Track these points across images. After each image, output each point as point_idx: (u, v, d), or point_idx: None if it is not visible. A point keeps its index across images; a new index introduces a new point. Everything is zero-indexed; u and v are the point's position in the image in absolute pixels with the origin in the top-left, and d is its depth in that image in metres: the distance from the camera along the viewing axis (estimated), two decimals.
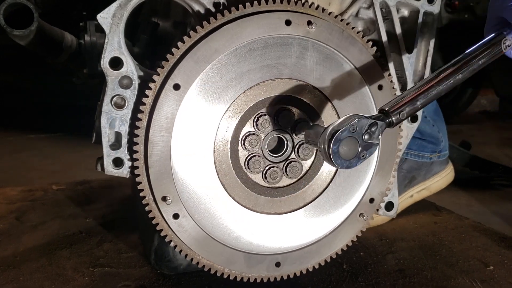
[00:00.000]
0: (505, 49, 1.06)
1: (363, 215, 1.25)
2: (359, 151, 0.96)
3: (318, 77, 1.14)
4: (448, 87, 1.02)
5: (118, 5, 1.06)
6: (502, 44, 1.06)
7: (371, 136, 0.96)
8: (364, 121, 0.95)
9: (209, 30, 1.06)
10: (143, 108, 1.05)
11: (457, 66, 1.03)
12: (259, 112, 1.13)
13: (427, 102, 1.01)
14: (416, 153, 1.85)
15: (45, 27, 1.30)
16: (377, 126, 0.96)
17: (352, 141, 0.94)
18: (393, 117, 0.97)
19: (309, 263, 1.24)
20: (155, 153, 1.06)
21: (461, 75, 1.03)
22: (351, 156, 0.95)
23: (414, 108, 0.99)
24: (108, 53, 1.07)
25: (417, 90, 1.01)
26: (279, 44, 1.09)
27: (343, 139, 0.93)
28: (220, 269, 1.16)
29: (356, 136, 0.94)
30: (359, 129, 0.94)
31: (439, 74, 1.03)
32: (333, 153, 0.93)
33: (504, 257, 1.56)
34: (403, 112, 0.98)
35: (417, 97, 1.00)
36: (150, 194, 1.09)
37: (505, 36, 1.06)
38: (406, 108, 0.98)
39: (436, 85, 1.01)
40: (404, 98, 1.00)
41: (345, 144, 0.94)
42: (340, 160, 0.95)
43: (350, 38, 1.14)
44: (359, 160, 0.97)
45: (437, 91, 1.01)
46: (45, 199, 2.07)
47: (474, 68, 1.04)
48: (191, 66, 1.04)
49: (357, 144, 0.95)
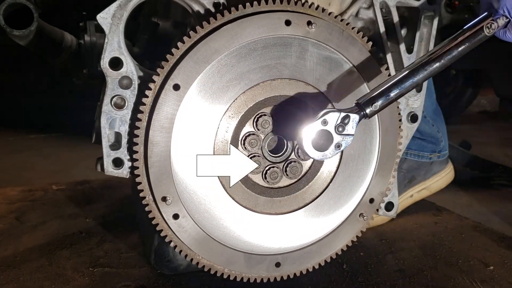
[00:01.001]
0: (489, 33, 1.05)
1: (363, 215, 1.25)
2: (334, 143, 1.02)
3: (318, 77, 1.14)
4: (425, 76, 1.03)
5: (118, 5, 1.06)
6: (486, 29, 1.05)
7: (344, 127, 1.01)
8: (335, 114, 1.01)
9: (209, 31, 1.06)
10: (143, 109, 1.05)
11: (435, 54, 1.03)
12: (259, 112, 1.13)
13: (402, 92, 1.02)
14: (416, 153, 1.85)
15: (45, 27, 1.30)
16: (349, 118, 1.01)
17: (325, 133, 1.01)
18: (367, 109, 1.01)
19: (309, 263, 1.24)
20: (155, 153, 1.06)
21: (438, 64, 1.02)
22: (325, 148, 1.02)
23: (388, 99, 1.02)
24: (108, 53, 1.07)
25: (390, 81, 1.02)
26: (279, 44, 1.09)
27: (316, 132, 1.00)
28: (220, 269, 1.17)
29: (329, 129, 1.01)
30: (331, 122, 1.01)
31: (416, 63, 1.03)
32: (306, 146, 1.00)
33: (504, 257, 1.55)
34: (376, 104, 1.01)
35: (390, 88, 1.02)
36: (150, 195, 1.09)
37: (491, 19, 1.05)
38: (379, 100, 1.01)
39: (411, 76, 1.02)
40: (377, 90, 1.02)
41: (319, 136, 1.00)
42: (316, 152, 1.02)
43: (350, 38, 1.14)
44: (335, 151, 1.03)
45: (412, 81, 1.02)
46: (45, 199, 2.07)
47: (454, 55, 1.03)
48: (191, 66, 1.04)
49: (331, 137, 1.01)
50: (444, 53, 1.03)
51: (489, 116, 4.89)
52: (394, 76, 1.03)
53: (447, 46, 1.04)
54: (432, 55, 1.03)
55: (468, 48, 1.05)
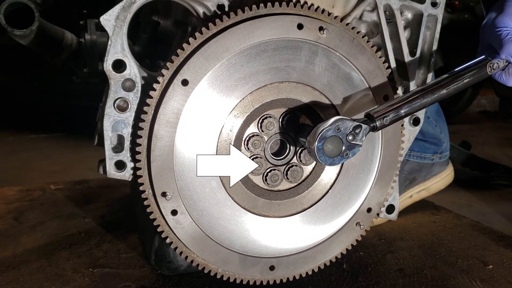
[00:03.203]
0: (490, 72, 1.15)
1: (359, 224, 1.24)
2: (343, 150, 1.04)
3: (325, 83, 1.13)
4: (432, 101, 1.11)
5: (122, 7, 1.04)
6: (488, 67, 1.14)
7: (354, 137, 1.04)
8: (349, 123, 1.03)
9: (221, 28, 1.04)
10: (150, 102, 1.03)
11: (444, 82, 1.11)
12: (265, 113, 1.12)
13: (410, 112, 1.09)
14: (418, 155, 1.85)
15: (46, 26, 1.30)
16: (361, 129, 1.04)
17: (336, 140, 1.02)
18: (377, 121, 1.05)
19: (303, 269, 1.22)
20: (158, 147, 1.04)
21: (445, 91, 1.11)
22: (335, 154, 1.03)
23: (398, 116, 1.07)
24: (111, 55, 1.05)
25: (402, 100, 1.08)
26: (289, 47, 1.08)
27: (328, 138, 1.01)
28: (214, 269, 1.15)
29: (340, 136, 1.02)
30: (344, 130, 1.02)
31: (426, 87, 1.11)
32: (317, 149, 1.01)
33: (503, 256, 1.56)
34: (386, 118, 1.06)
35: (401, 106, 1.07)
36: (150, 189, 1.08)
37: (491, 61, 1.14)
38: (390, 114, 1.06)
39: (421, 98, 1.09)
40: (389, 106, 1.07)
41: (330, 142, 1.01)
42: (324, 157, 1.02)
43: (360, 46, 1.14)
44: (342, 159, 1.05)
45: (421, 103, 1.09)
46: (43, 199, 2.06)
47: (459, 86, 1.12)
48: (200, 62, 1.03)
49: (341, 144, 1.03)
50: (451, 83, 1.11)
51: (489, 116, 4.90)
52: (406, 96, 1.09)
53: (453, 77, 1.12)
54: (440, 83, 1.11)
55: (471, 82, 1.14)
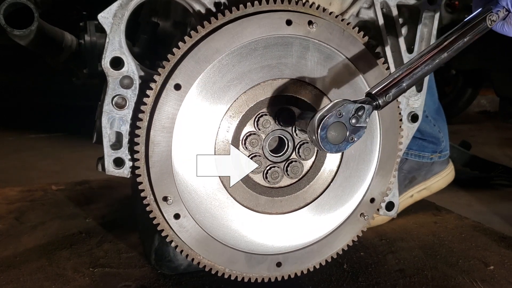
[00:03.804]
0: (490, 24, 1.05)
1: (363, 215, 1.25)
2: (348, 135, 0.98)
3: (318, 76, 1.14)
4: (433, 67, 1.03)
5: (119, 5, 1.06)
6: (488, 20, 1.05)
7: (358, 119, 0.98)
8: (351, 106, 0.97)
9: (210, 30, 1.06)
10: (144, 108, 1.05)
11: (442, 45, 1.03)
12: (260, 112, 1.12)
13: (413, 83, 1.02)
14: (417, 153, 1.85)
15: (45, 27, 1.30)
16: (364, 110, 0.98)
17: (339, 125, 0.97)
18: (380, 99, 0.99)
19: (310, 263, 1.23)
20: (156, 153, 1.05)
21: (446, 54, 1.03)
22: (339, 141, 0.98)
23: (400, 90, 1.00)
24: (109, 53, 1.06)
25: (402, 71, 1.01)
26: (280, 44, 1.09)
27: (331, 125, 0.95)
28: (221, 269, 1.16)
29: (343, 121, 0.97)
30: (346, 114, 0.96)
31: (424, 54, 1.03)
32: (321, 139, 0.95)
33: (504, 257, 1.56)
34: (389, 94, 0.99)
35: (402, 79, 1.00)
36: (151, 194, 1.09)
37: (491, 11, 1.05)
38: (392, 90, 0.99)
39: (422, 65, 1.02)
40: (389, 80, 1.00)
41: (333, 129, 0.96)
42: (329, 145, 0.97)
43: (351, 37, 1.14)
44: (348, 144, 0.99)
45: (423, 71, 1.01)
46: (44, 199, 2.07)
47: (460, 46, 1.04)
48: (192, 66, 1.04)
49: (345, 129, 0.97)
50: (450, 43, 1.03)
51: (489, 116, 4.90)
52: (405, 66, 1.02)
53: (452, 36, 1.04)
54: (439, 47, 1.03)
55: (471, 39, 1.05)
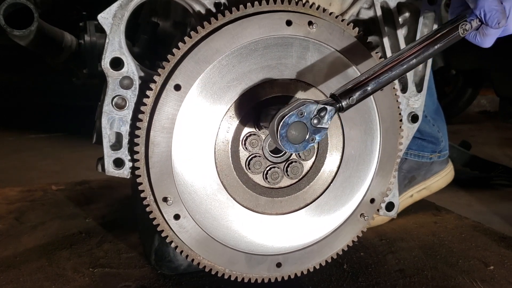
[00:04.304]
0: (463, 33, 1.05)
1: (364, 216, 1.25)
2: (308, 136, 0.97)
3: (318, 77, 1.14)
4: (400, 72, 1.02)
5: (119, 5, 1.05)
6: (460, 29, 1.04)
7: (320, 120, 0.97)
8: (313, 106, 0.96)
9: (210, 31, 1.05)
10: (144, 109, 1.05)
11: (412, 51, 1.02)
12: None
13: (378, 87, 1.00)
14: (416, 153, 1.85)
15: (45, 27, 1.30)
16: (326, 111, 0.97)
17: (300, 125, 0.96)
18: (343, 101, 0.98)
19: (310, 264, 1.23)
20: (156, 153, 1.05)
21: (415, 60, 1.02)
22: (300, 140, 0.97)
23: (365, 93, 0.99)
24: (109, 53, 1.06)
25: (368, 75, 1.00)
26: (280, 45, 1.09)
27: (291, 124, 0.94)
28: (221, 270, 1.16)
29: (304, 121, 0.96)
30: (308, 114, 0.95)
31: (393, 58, 1.02)
32: (281, 137, 0.95)
33: (504, 257, 1.56)
34: (352, 97, 0.98)
35: (367, 82, 0.99)
36: (151, 195, 1.09)
37: (465, 20, 1.04)
38: (356, 93, 0.98)
39: (389, 71, 1.01)
40: (354, 83, 0.99)
41: (294, 128, 0.95)
42: (289, 144, 0.96)
43: (351, 38, 1.14)
44: (308, 144, 0.98)
45: (389, 76, 1.01)
46: (44, 199, 2.07)
47: (430, 53, 1.03)
48: (192, 66, 1.04)
49: (305, 129, 0.96)
50: (420, 50, 1.03)
51: (489, 116, 4.90)
52: (371, 70, 1.02)
53: (423, 43, 1.03)
54: (408, 52, 1.02)
55: (443, 47, 1.04)
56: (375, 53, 1.18)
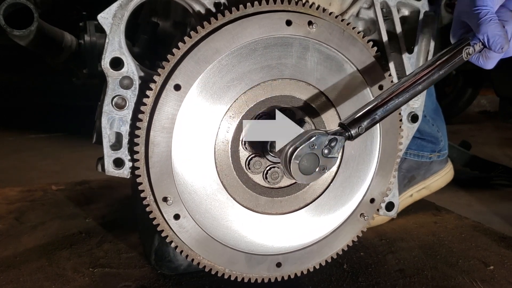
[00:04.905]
0: (466, 57, 1.07)
1: (363, 215, 1.25)
2: (319, 166, 1.00)
3: (318, 77, 1.14)
4: (407, 99, 1.05)
5: (119, 5, 1.05)
6: (464, 53, 1.06)
7: (330, 150, 1.00)
8: (323, 138, 0.99)
9: (210, 31, 1.05)
10: (144, 109, 1.05)
11: (418, 77, 1.05)
12: (260, 112, 1.12)
13: (386, 114, 1.03)
14: (416, 153, 1.85)
15: (45, 27, 1.30)
16: (336, 141, 1.00)
17: (312, 156, 0.98)
18: (352, 130, 1.00)
19: (310, 263, 1.23)
20: (155, 153, 1.05)
21: (420, 87, 1.05)
22: (311, 171, 1.00)
23: (373, 121, 1.02)
24: (108, 53, 1.06)
25: (375, 103, 1.03)
26: (279, 44, 1.09)
27: (303, 156, 0.97)
28: (221, 270, 1.16)
29: (316, 152, 0.98)
30: (319, 145, 0.98)
31: (399, 86, 1.05)
32: (293, 170, 0.97)
33: (504, 257, 1.56)
34: (361, 126, 1.01)
35: (375, 110, 1.02)
36: (151, 195, 1.09)
37: (468, 43, 1.06)
38: (365, 121, 1.01)
39: (395, 98, 1.03)
40: (363, 112, 1.02)
41: (305, 160, 0.98)
42: (301, 176, 0.99)
43: (351, 38, 1.14)
44: (319, 174, 1.01)
45: (396, 103, 1.03)
46: (44, 199, 2.07)
47: (435, 79, 1.06)
48: (191, 66, 1.04)
49: (317, 160, 0.99)
50: (425, 76, 1.05)
51: (489, 116, 4.90)
52: (379, 97, 1.04)
53: (428, 69, 1.05)
54: (414, 78, 1.05)
55: (447, 71, 1.07)
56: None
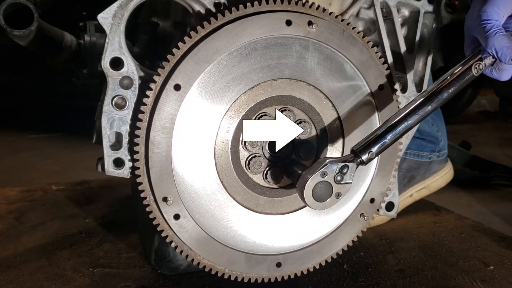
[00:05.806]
0: (477, 73, 1.08)
1: (363, 215, 1.25)
2: (333, 192, 1.01)
3: (318, 77, 1.14)
4: (418, 121, 1.05)
5: (119, 5, 1.06)
6: (474, 69, 1.07)
7: (343, 177, 1.01)
8: (334, 166, 1.00)
9: (210, 30, 1.05)
10: (144, 109, 1.05)
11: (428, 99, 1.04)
12: (260, 112, 1.12)
13: (396, 138, 1.04)
14: (415, 153, 1.85)
15: (45, 27, 1.30)
16: (348, 168, 1.01)
17: (325, 184, 1.00)
18: (363, 156, 1.01)
19: (310, 263, 1.23)
20: (155, 153, 1.05)
21: (430, 107, 1.04)
22: (326, 198, 1.01)
23: (383, 146, 1.03)
24: (108, 53, 1.06)
25: (385, 127, 1.04)
26: (279, 44, 1.09)
27: (316, 185, 0.99)
28: (221, 270, 1.16)
29: (328, 180, 1.00)
30: (330, 173, 1.00)
31: (409, 108, 1.04)
32: (307, 199, 1.00)
33: (504, 257, 1.56)
34: (372, 152, 1.02)
35: (386, 135, 1.03)
36: (151, 195, 1.09)
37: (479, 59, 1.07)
38: (375, 146, 1.02)
39: (405, 120, 1.03)
40: (373, 137, 1.03)
41: (319, 188, 1.00)
42: (316, 203, 1.01)
43: (351, 38, 1.14)
44: (334, 201, 1.02)
45: (406, 126, 1.03)
46: (44, 199, 2.07)
47: (445, 98, 1.05)
48: (191, 66, 1.04)
49: (330, 187, 1.01)
50: (435, 95, 1.05)
51: (489, 116, 4.90)
52: (388, 121, 1.04)
53: (438, 87, 1.05)
54: (424, 99, 1.04)
55: (457, 89, 1.06)
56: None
